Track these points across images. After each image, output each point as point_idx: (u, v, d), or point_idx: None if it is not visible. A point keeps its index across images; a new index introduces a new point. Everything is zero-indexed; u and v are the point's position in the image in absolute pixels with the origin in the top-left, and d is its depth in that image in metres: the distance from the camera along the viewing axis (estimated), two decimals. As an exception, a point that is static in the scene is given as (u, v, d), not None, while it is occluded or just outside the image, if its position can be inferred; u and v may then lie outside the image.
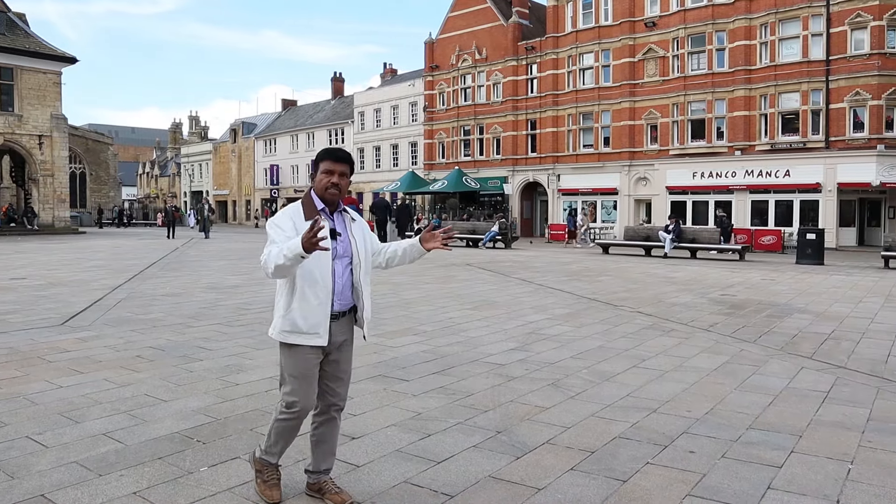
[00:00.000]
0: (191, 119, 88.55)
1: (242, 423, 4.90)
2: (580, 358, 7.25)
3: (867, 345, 8.14)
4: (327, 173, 3.49)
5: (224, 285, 13.61)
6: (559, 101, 41.11)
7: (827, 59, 31.43)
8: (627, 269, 18.92)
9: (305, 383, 3.47)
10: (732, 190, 34.21)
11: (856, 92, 30.70)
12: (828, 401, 5.67)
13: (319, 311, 3.42)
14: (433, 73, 48.55)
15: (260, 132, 69.97)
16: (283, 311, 3.45)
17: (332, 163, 3.50)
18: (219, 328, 8.77)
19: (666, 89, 36.50)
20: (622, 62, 38.09)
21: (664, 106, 36.64)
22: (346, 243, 3.55)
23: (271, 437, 3.60)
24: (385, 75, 62.05)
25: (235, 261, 20.18)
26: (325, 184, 3.48)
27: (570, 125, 40.77)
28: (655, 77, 37.03)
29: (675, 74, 36.15)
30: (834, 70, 31.33)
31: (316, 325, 3.42)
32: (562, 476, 4.03)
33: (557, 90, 41.17)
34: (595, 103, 39.35)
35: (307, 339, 3.42)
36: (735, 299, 12.27)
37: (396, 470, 4.08)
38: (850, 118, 31.17)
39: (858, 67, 30.70)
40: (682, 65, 35.90)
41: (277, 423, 3.56)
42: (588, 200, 40.05)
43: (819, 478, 4.04)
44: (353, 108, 57.66)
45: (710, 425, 4.99)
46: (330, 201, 3.51)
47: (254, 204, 69.82)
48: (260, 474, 3.65)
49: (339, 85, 66.26)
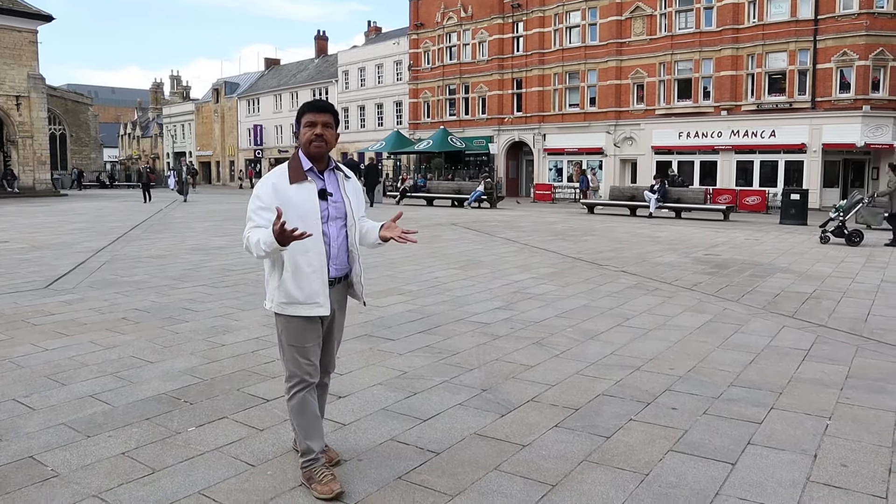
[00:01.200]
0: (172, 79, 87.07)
1: (229, 384, 4.92)
2: (565, 317, 7.31)
3: (847, 304, 8.25)
4: (310, 126, 3.26)
5: (209, 246, 13.56)
6: (545, 59, 40.72)
7: (815, 19, 31.25)
8: (612, 228, 18.99)
9: (306, 353, 3.32)
10: (718, 150, 34.22)
11: (843, 52, 30.61)
12: (808, 359, 5.76)
13: (315, 278, 3.25)
14: (418, 32, 47.89)
15: (243, 92, 69.03)
16: (277, 282, 3.28)
17: (314, 114, 3.27)
18: (204, 289, 8.75)
19: (653, 48, 36.23)
20: (609, 20, 37.69)
21: (651, 65, 36.39)
22: (340, 203, 3.34)
23: (295, 428, 3.40)
24: (369, 33, 61.17)
25: (220, 222, 20.07)
26: (308, 137, 3.25)
27: (556, 84, 40.45)
28: (642, 36, 36.72)
29: (663, 33, 35.85)
30: (822, 30, 31.17)
31: (314, 294, 3.25)
32: (546, 433, 4.09)
33: (544, 49, 40.76)
34: (581, 62, 39.02)
35: (307, 309, 3.26)
36: (719, 259, 12.36)
37: (383, 428, 4.13)
38: (837, 79, 31.12)
39: (846, 27, 30.56)
40: (670, 23, 35.58)
41: (290, 404, 3.36)
42: (573, 160, 39.96)
43: (798, 433, 4.12)
44: (338, 67, 56.91)
45: (692, 383, 5.07)
46: (317, 156, 3.29)
47: (237, 165, 69.17)
48: (311, 480, 3.32)
49: (323, 43, 65.31)
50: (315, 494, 3.27)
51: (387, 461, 3.66)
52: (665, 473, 3.57)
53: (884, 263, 11.87)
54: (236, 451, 3.78)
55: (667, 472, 3.59)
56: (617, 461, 3.71)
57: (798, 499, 3.30)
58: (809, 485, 3.45)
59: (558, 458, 3.74)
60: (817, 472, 3.59)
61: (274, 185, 3.22)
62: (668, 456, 3.78)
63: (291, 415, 3.39)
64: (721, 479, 3.49)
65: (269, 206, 3.15)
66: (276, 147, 63.45)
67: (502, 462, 3.68)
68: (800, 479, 3.50)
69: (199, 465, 3.59)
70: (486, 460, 3.70)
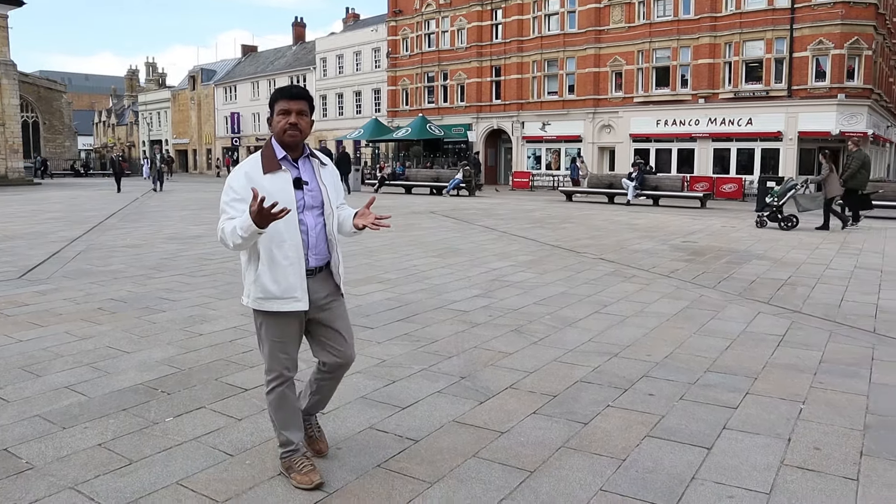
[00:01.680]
0: (147, 66, 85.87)
1: (207, 373, 4.89)
2: (543, 304, 7.34)
3: (822, 290, 8.36)
4: (283, 113, 3.14)
5: (186, 235, 13.44)
6: (524, 47, 40.69)
7: (792, 8, 31.47)
8: (590, 216, 19.08)
9: (285, 349, 3.25)
10: (695, 138, 34.43)
11: (819, 41, 30.87)
12: (783, 344, 5.84)
13: (291, 272, 3.14)
14: (396, 19, 47.63)
15: (220, 79, 68.32)
16: (253, 275, 3.18)
17: (287, 101, 3.15)
18: (181, 279, 8.69)
19: (631, 36, 36.31)
20: (588, 8, 37.71)
21: (629, 53, 36.48)
22: (316, 191, 3.24)
23: (274, 421, 3.35)
24: (347, 20, 60.73)
25: (197, 210, 19.90)
26: (282, 126, 3.14)
27: (534, 72, 40.45)
28: (621, 23, 36.78)
29: (641, 21, 35.94)
30: (798, 18, 31.40)
31: (290, 289, 3.15)
32: (524, 419, 4.11)
33: (522, 36, 40.71)
34: (560, 50, 39.04)
35: (284, 304, 3.16)
36: (696, 246, 12.47)
37: (362, 416, 4.13)
38: (813, 67, 31.40)
39: (823, 16, 30.81)
40: (648, 11, 35.67)
41: (269, 398, 3.32)
42: (552, 148, 40.05)
43: (772, 417, 4.17)
44: (315, 54, 56.48)
45: (669, 369, 5.11)
46: (291, 145, 3.18)
47: (214, 153, 68.56)
48: (291, 470, 3.30)
49: (301, 30, 64.76)
50: (294, 484, 3.26)
51: (366, 449, 3.66)
52: (642, 459, 3.60)
53: (857, 250, 12.03)
54: (214, 441, 3.76)
55: (644, 457, 3.62)
56: (594, 447, 3.74)
57: (772, 482, 3.35)
58: (783, 468, 3.50)
59: (536, 445, 3.76)
60: (791, 456, 3.64)
61: (247, 174, 3.12)
62: (645, 441, 3.82)
63: (269, 408, 3.35)
64: (697, 464, 3.54)
65: (244, 197, 3.03)
66: (253, 135, 62.93)
67: (481, 449, 3.70)
68: (774, 463, 3.56)
69: (177, 456, 3.58)
70: (464, 447, 3.71)
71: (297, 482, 3.25)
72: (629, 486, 3.30)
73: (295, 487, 3.24)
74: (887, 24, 34.96)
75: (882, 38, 33.62)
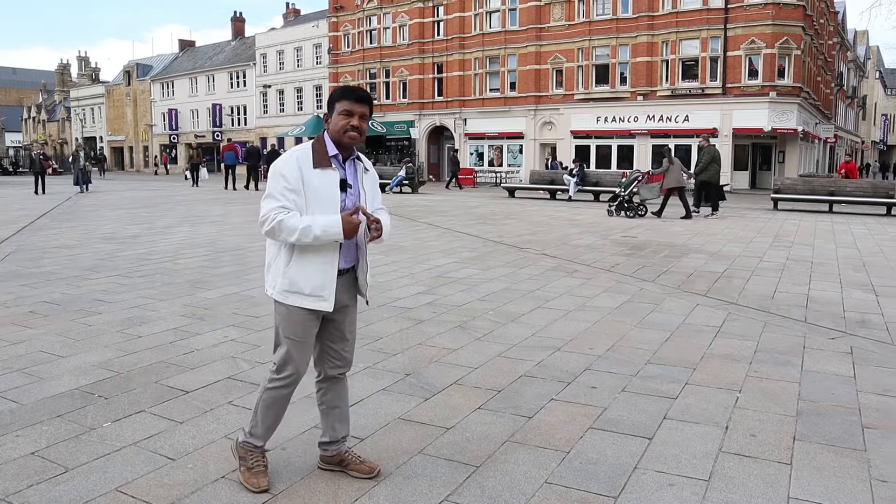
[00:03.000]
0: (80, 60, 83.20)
1: (147, 376, 4.77)
2: (487, 300, 7.38)
3: (756, 282, 8.62)
4: (346, 114, 3.07)
5: (122, 235, 13.09)
6: (466, 44, 40.84)
7: (726, 8, 32.34)
8: (532, 212, 19.26)
9: (302, 348, 3.18)
10: (634, 134, 35.10)
11: (751, 40, 31.80)
12: (720, 335, 6.00)
13: (322, 271, 3.07)
14: (338, 15, 47.25)
15: (156, 74, 66.68)
16: (283, 267, 3.09)
17: (353, 103, 3.08)
18: (118, 280, 8.45)
19: (571, 34, 36.79)
20: (528, 6, 38.06)
21: (569, 51, 36.96)
22: (356, 196, 3.17)
23: (258, 414, 3.24)
24: (288, 16, 59.98)
25: (134, 210, 19.40)
26: (343, 125, 3.07)
27: (476, 69, 40.64)
28: (561, 21, 37.23)
29: (581, 19, 36.44)
30: (732, 18, 32.28)
31: (320, 287, 3.07)
32: (469, 415, 4.13)
33: (464, 33, 40.86)
34: (501, 47, 39.31)
35: (310, 301, 3.08)
36: (635, 241, 12.71)
37: (306, 416, 4.08)
38: (746, 66, 32.33)
39: (754, 16, 31.74)
40: (588, 10, 36.20)
41: (267, 393, 3.21)
42: (495, 144, 40.30)
43: (710, 407, 4.29)
44: (255, 50, 55.61)
45: (611, 361, 5.20)
46: (347, 146, 3.13)
47: (152, 150, 66.89)
48: (244, 461, 3.25)
49: (240, 25, 63.65)
50: (241, 478, 3.21)
51: (311, 449, 3.62)
52: (586, 450, 3.66)
53: (789, 243, 12.44)
54: (155, 445, 3.67)
55: (587, 448, 3.68)
56: (539, 440, 3.78)
57: (711, 469, 3.44)
58: (721, 455, 3.60)
59: (482, 440, 3.78)
60: (728, 443, 3.75)
61: (299, 165, 3.03)
62: (588, 433, 3.88)
63: (261, 404, 3.24)
64: (639, 454, 3.61)
65: (296, 188, 2.99)
66: (192, 132, 61.65)
67: (427, 445, 3.70)
68: (712, 451, 3.65)
69: (116, 462, 3.48)
70: (410, 444, 3.71)
71: (244, 479, 3.20)
72: (573, 478, 3.34)
73: (240, 484, 3.20)
74: (814, 26, 36.23)
75: (810, 38, 34.82)
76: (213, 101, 59.35)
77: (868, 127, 75.63)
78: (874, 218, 18.12)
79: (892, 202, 19.47)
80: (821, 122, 40.81)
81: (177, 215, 17.42)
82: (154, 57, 72.00)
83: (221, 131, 57.88)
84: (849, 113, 60.71)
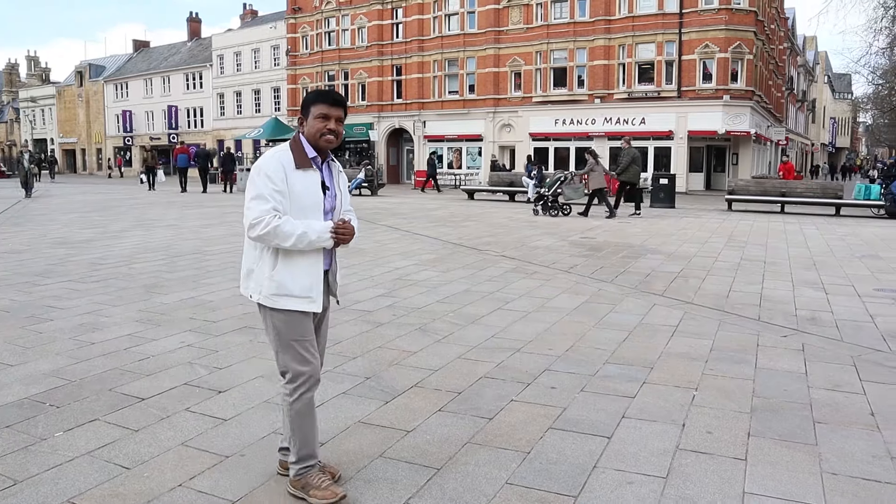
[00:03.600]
0: (29, 60, 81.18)
1: (100, 384, 4.66)
2: (447, 302, 7.39)
3: (711, 281, 8.77)
4: (322, 118, 3.06)
5: (75, 240, 12.79)
6: (425, 46, 40.88)
7: (680, 13, 32.92)
8: (491, 214, 19.35)
9: (311, 346, 3.12)
10: (592, 137, 35.49)
11: (706, 44, 32.41)
12: (676, 334, 6.09)
13: (310, 272, 3.06)
14: (296, 16, 46.92)
15: (110, 75, 65.38)
16: (269, 271, 3.04)
17: (329, 106, 3.07)
18: (70, 285, 8.26)
19: (530, 37, 37.07)
20: (487, 9, 38.26)
21: (528, 53, 37.24)
22: (334, 198, 3.18)
23: (295, 433, 3.13)
24: (245, 17, 59.34)
25: (87, 213, 18.97)
26: (319, 129, 3.05)
27: (435, 71, 40.71)
28: (520, 25, 37.50)
29: (539, 22, 36.75)
30: (686, 23, 32.86)
31: (308, 288, 3.06)
32: (430, 417, 4.13)
33: (423, 36, 40.89)
34: (460, 49, 39.44)
35: (300, 303, 3.06)
36: (593, 242, 12.84)
37: (265, 421, 4.04)
38: (700, 69, 32.94)
39: (708, 21, 32.36)
40: (546, 13, 36.52)
41: (293, 408, 3.10)
42: (454, 147, 40.38)
43: (668, 405, 4.35)
44: (212, 51, 54.92)
45: (570, 362, 5.24)
46: (324, 149, 3.11)
47: (105, 153, 65.56)
48: (308, 487, 3.11)
49: (196, 26, 62.82)
50: (316, 502, 3.08)
51: (271, 454, 3.58)
52: (546, 450, 3.68)
53: (743, 243, 12.69)
54: (109, 455, 3.59)
55: (547, 448, 3.70)
56: (499, 441, 3.79)
57: (669, 466, 3.49)
58: (679, 452, 3.65)
59: (442, 442, 3.78)
60: (685, 440, 3.80)
61: (283, 166, 3.00)
62: (548, 433, 3.90)
63: (294, 418, 3.12)
64: (598, 453, 3.64)
65: (282, 189, 2.97)
66: (147, 134, 60.61)
67: (387, 449, 3.69)
68: (670, 448, 3.70)
69: (68, 472, 3.39)
70: (370, 448, 3.69)
71: (319, 499, 3.07)
72: (534, 478, 3.36)
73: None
74: (766, 31, 37.07)
75: (762, 43, 35.63)
76: (169, 103, 58.44)
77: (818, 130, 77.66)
78: (824, 218, 18.59)
79: (840, 203, 20.02)
80: (772, 125, 41.78)
81: (131, 219, 17.10)
82: (107, 57, 70.59)
83: (177, 133, 56.99)
84: (799, 116, 62.25)
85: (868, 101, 51.43)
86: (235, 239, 12.69)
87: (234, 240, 12.57)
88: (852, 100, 79.97)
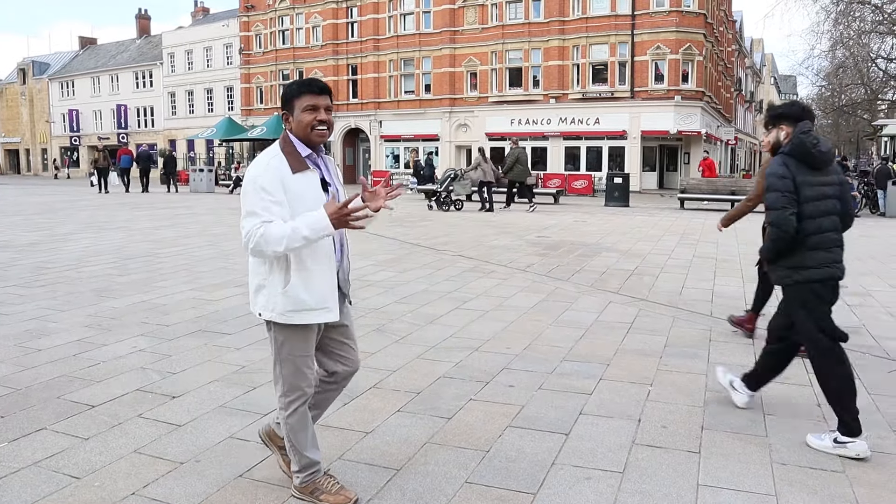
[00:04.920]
0: (-31, 57, 78.66)
1: (47, 392, 4.53)
2: (404, 302, 7.37)
3: (665, 279, 8.91)
4: (311, 109, 2.85)
5: (19, 243, 12.42)
6: (380, 46, 40.76)
7: (632, 14, 33.39)
8: (447, 213, 19.36)
9: (309, 363, 3.03)
10: (547, 136, 35.82)
11: (657, 46, 32.94)
12: (632, 331, 6.17)
13: (324, 280, 2.92)
14: (249, 14, 46.36)
15: (55, 73, 63.72)
16: (282, 287, 2.86)
17: (315, 96, 2.86)
18: (15, 290, 8.02)
19: (485, 37, 37.22)
20: (442, 8, 38.30)
21: (483, 54, 37.39)
22: (337, 194, 3.01)
23: (295, 446, 3.07)
24: (196, 14, 58.45)
25: (31, 215, 18.44)
26: (310, 121, 2.85)
27: (391, 71, 40.62)
28: (475, 25, 37.63)
29: (494, 23, 36.93)
30: (638, 25, 33.36)
31: (324, 299, 2.91)
32: (389, 418, 4.11)
33: (378, 35, 40.77)
34: (416, 49, 39.41)
35: (317, 315, 2.91)
36: (550, 241, 12.95)
37: (221, 426, 3.98)
38: (652, 71, 33.47)
39: (659, 23, 32.89)
40: (501, 14, 36.71)
41: (289, 421, 3.03)
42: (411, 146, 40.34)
43: (624, 401, 4.40)
44: (163, 49, 53.95)
45: (527, 360, 5.28)
46: (317, 144, 2.92)
47: (51, 153, 63.88)
48: (318, 492, 3.08)
49: (145, 23, 61.61)
50: None
51: (226, 459, 3.53)
52: (505, 448, 3.69)
53: (695, 241, 12.92)
54: (58, 464, 3.49)
55: (506, 447, 3.72)
56: (458, 440, 3.80)
57: (625, 461, 3.53)
58: (635, 447, 3.70)
59: (402, 443, 3.77)
60: (641, 435, 3.86)
61: (279, 173, 2.81)
62: (506, 431, 3.92)
63: (289, 433, 3.06)
64: (557, 449, 3.67)
65: (280, 200, 2.77)
66: (95, 134, 59.15)
67: (346, 451, 3.67)
68: (626, 443, 3.75)
69: (14, 484, 3.29)
70: (329, 450, 3.66)
71: (331, 503, 3.05)
72: (493, 476, 3.37)
73: None
74: (715, 33, 37.83)
75: (711, 45, 36.34)
76: (118, 102, 57.18)
77: (766, 129, 79.36)
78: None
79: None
80: (722, 125, 42.64)
81: (79, 221, 16.68)
82: (52, 54, 68.78)
83: (127, 133, 55.85)
84: (748, 116, 63.68)
85: (812, 102, 52.86)
86: (187, 241, 12.48)
87: (186, 242, 12.36)
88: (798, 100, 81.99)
